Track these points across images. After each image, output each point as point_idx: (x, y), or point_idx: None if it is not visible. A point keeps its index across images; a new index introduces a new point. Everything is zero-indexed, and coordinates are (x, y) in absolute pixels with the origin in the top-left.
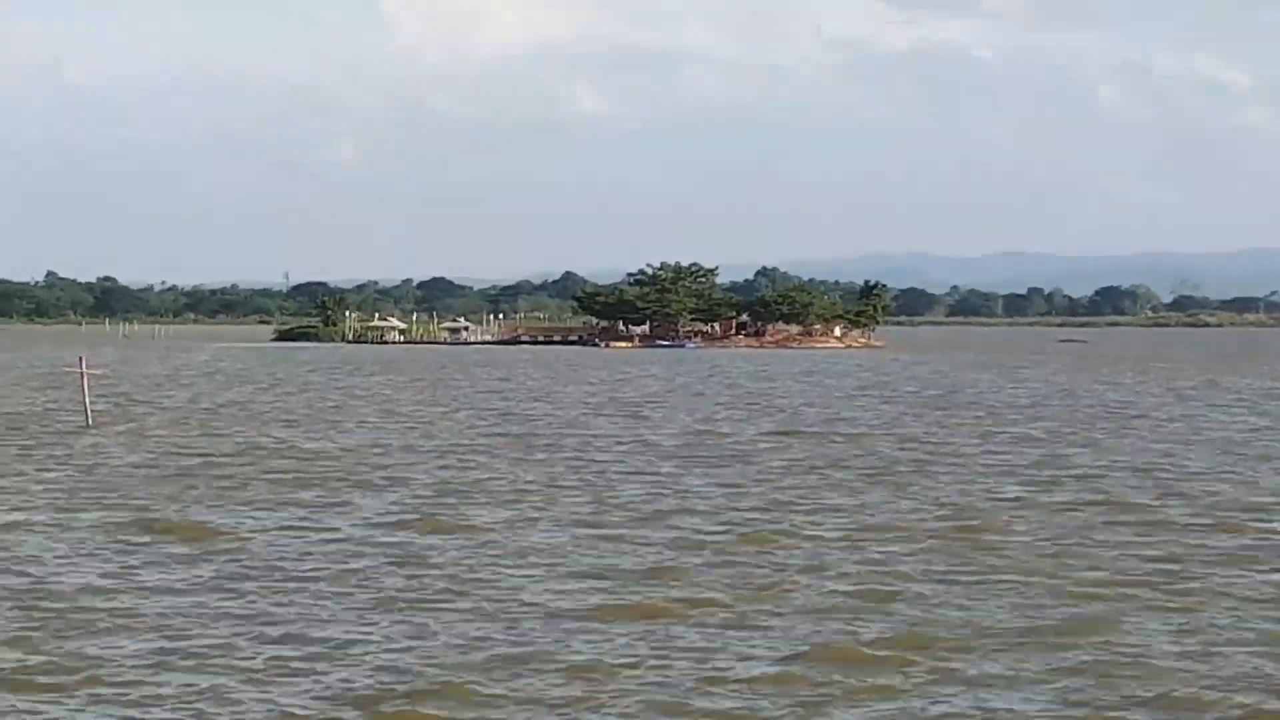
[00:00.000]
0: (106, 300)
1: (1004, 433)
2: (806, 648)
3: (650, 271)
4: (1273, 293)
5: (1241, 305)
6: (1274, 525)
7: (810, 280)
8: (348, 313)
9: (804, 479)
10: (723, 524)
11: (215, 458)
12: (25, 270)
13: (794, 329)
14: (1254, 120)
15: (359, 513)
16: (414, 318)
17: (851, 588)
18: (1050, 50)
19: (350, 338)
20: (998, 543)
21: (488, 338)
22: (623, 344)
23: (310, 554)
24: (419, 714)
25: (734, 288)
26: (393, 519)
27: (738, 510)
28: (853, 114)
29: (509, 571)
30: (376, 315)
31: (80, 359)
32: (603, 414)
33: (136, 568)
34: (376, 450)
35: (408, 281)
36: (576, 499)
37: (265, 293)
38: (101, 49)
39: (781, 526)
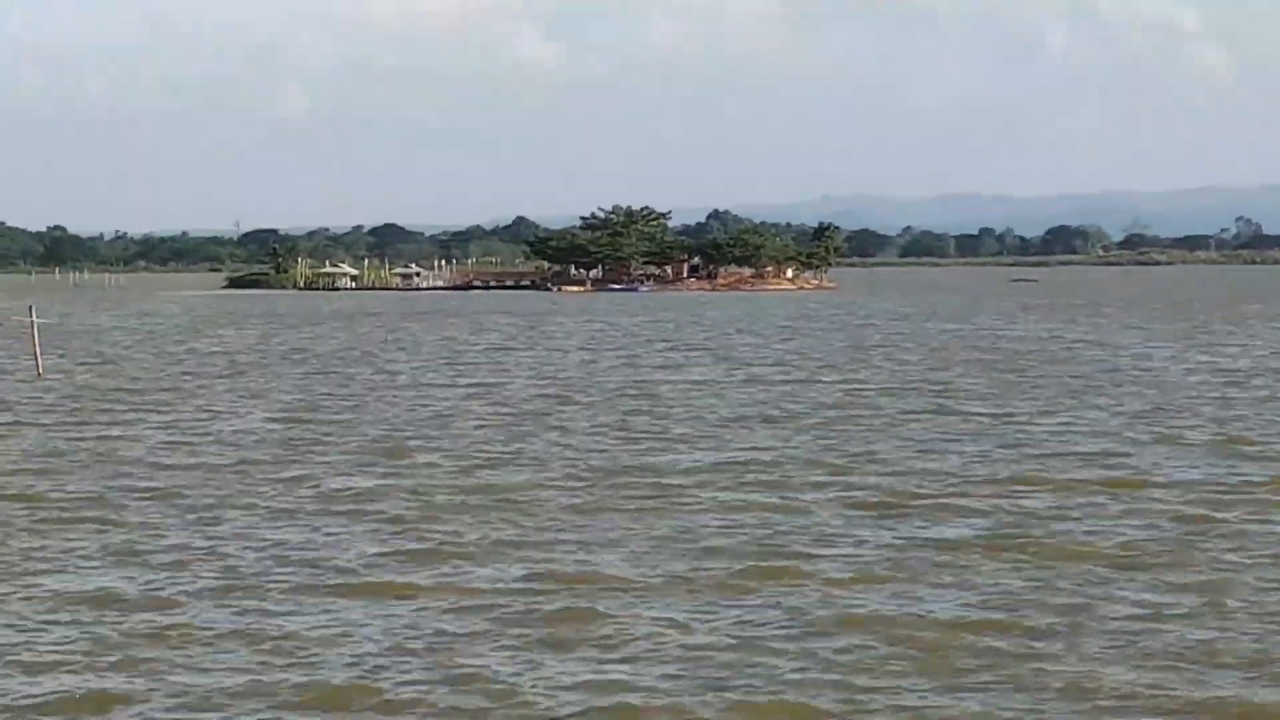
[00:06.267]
0: (56, 249)
1: None
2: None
3: (602, 215)
4: (1223, 230)
5: (1192, 243)
6: None
7: (762, 223)
8: (299, 260)
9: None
10: None
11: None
12: None
13: (746, 271)
14: (1203, 58)
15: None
16: (365, 264)
17: None
18: None
19: (301, 285)
20: None
21: (439, 283)
22: (574, 288)
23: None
24: None
25: (686, 231)
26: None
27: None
28: (804, 58)
29: None
30: (328, 262)
31: (30, 309)
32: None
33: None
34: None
35: (359, 228)
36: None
37: (216, 240)
38: (49, 3)
39: None
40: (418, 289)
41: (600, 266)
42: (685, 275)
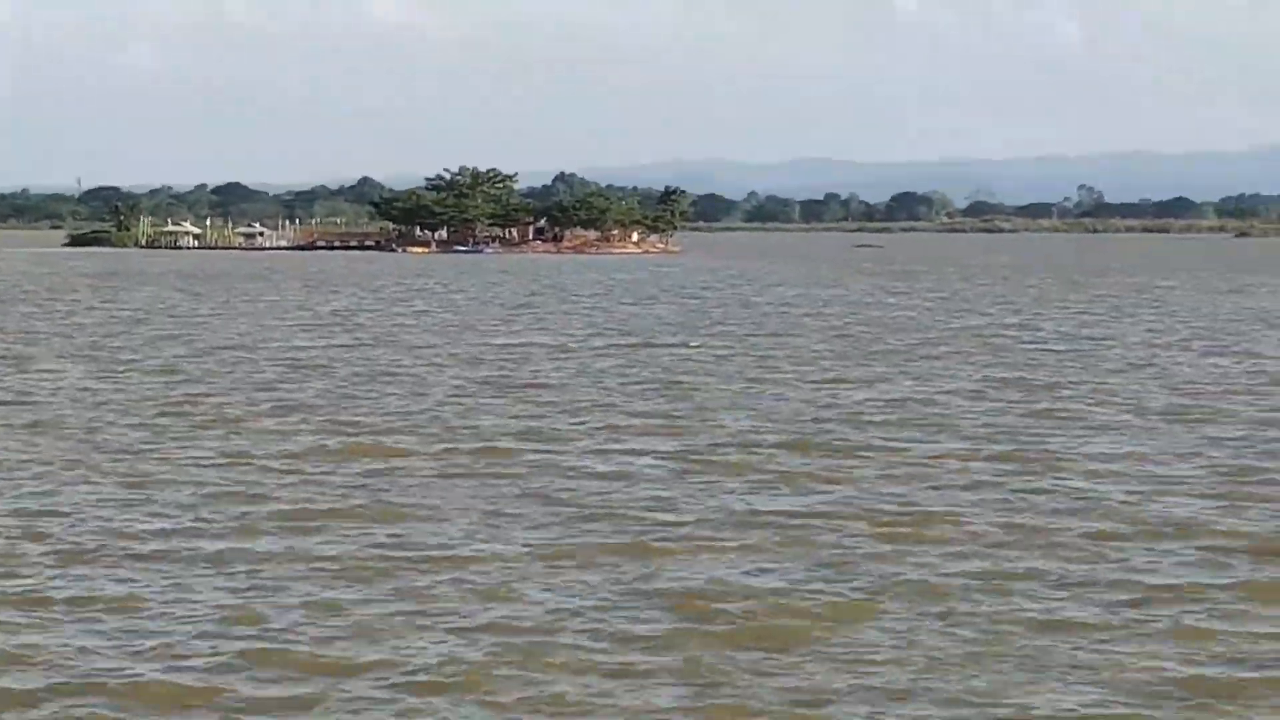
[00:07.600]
0: None
1: None
2: None
3: (448, 177)
4: (1065, 198)
5: (1036, 211)
6: None
7: (609, 186)
8: (141, 218)
9: None
10: None
11: None
12: None
13: (592, 235)
14: (1051, 25)
15: None
16: (209, 223)
17: None
18: None
19: (144, 243)
20: None
21: (283, 243)
22: (419, 249)
23: None
24: None
25: (532, 193)
26: None
27: None
28: (652, 22)
29: None
30: (170, 221)
31: None
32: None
33: None
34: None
35: (202, 187)
36: None
37: (58, 197)
38: None
39: None
40: (261, 249)
41: (445, 228)
42: (531, 238)
